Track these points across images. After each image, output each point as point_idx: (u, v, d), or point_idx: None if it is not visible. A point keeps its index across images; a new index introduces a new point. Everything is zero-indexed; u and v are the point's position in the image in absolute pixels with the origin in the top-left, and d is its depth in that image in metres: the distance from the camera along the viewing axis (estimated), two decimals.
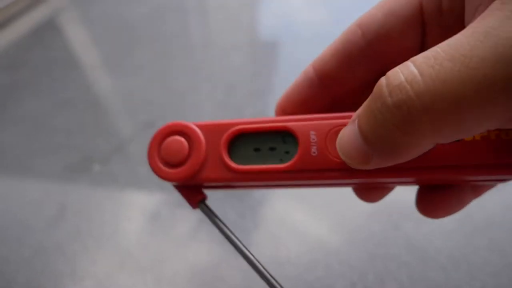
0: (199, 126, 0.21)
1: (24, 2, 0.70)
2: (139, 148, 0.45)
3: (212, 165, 0.20)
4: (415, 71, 0.12)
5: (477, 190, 0.22)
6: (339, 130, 0.19)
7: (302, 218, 0.36)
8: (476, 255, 0.32)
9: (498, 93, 0.12)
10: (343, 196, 0.37)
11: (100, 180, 0.41)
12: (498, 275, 0.31)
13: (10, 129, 0.49)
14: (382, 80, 0.13)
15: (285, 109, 0.23)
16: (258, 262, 0.21)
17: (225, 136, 0.21)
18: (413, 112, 0.13)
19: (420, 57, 0.13)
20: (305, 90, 0.22)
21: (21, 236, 0.37)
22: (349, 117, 0.19)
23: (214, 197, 0.39)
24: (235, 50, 0.63)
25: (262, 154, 0.20)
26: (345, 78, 0.21)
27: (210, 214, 0.22)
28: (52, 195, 0.40)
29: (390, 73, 0.13)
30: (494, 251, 0.32)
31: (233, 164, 0.20)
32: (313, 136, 0.19)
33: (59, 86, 0.55)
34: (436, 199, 0.21)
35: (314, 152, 0.19)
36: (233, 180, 0.20)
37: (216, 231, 0.22)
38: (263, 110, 0.50)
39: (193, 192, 0.22)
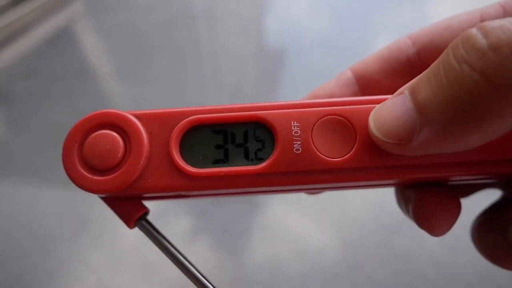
0: (139, 116, 0.15)
1: (39, 11, 0.70)
2: None
3: (157, 169, 0.15)
4: None
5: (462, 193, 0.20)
6: (332, 120, 0.15)
7: (326, 234, 0.36)
8: (503, 271, 0.32)
9: None
10: (364, 210, 0.37)
11: None
12: None
13: (30, 138, 0.49)
14: (471, 29, 0.11)
15: None
16: (211, 284, 0.17)
17: (177, 130, 0.15)
18: None
19: None
20: (337, 90, 0.20)
21: (45, 248, 0.37)
22: (343, 103, 0.15)
23: (231, 207, 0.39)
24: (246, 58, 0.63)
25: (225, 152, 0.15)
26: (385, 84, 0.20)
27: (152, 232, 0.17)
28: (74, 206, 0.40)
29: (485, 22, 0.11)
30: None
31: (188, 168, 0.15)
32: (295, 128, 0.15)
33: (75, 95, 0.56)
34: (434, 205, 0.18)
35: (298, 149, 0.15)
36: (188, 189, 0.15)
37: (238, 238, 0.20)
38: None
39: (129, 206, 0.16)
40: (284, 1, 0.81)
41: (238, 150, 0.15)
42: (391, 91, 0.18)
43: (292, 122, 0.15)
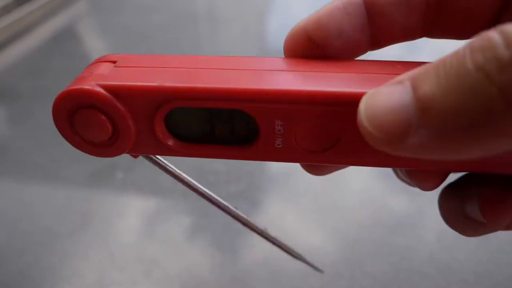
0: (117, 92, 0.15)
1: (43, 10, 0.71)
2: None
3: (146, 144, 0.16)
4: None
5: None
6: (318, 121, 0.15)
7: (325, 233, 0.37)
8: (499, 271, 0.32)
9: None
10: (363, 209, 0.38)
11: (124, 188, 0.42)
12: None
13: (35, 136, 0.49)
14: (491, 32, 0.10)
15: (312, 36, 0.18)
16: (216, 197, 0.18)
17: (159, 114, 0.15)
18: None
19: None
20: (344, 17, 0.17)
21: (47, 243, 0.37)
22: (331, 101, 0.14)
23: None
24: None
25: (211, 127, 0.16)
26: (397, 20, 0.17)
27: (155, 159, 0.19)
28: (76, 202, 0.41)
29: (509, 26, 0.10)
30: None
31: (174, 143, 0.16)
32: (279, 127, 0.15)
33: None
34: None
35: (279, 145, 0.15)
36: (175, 156, 0.17)
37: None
38: None
39: None
40: (286, 3, 0.82)
41: (223, 127, 0.16)
42: (401, 33, 0.18)
43: (276, 121, 0.15)
